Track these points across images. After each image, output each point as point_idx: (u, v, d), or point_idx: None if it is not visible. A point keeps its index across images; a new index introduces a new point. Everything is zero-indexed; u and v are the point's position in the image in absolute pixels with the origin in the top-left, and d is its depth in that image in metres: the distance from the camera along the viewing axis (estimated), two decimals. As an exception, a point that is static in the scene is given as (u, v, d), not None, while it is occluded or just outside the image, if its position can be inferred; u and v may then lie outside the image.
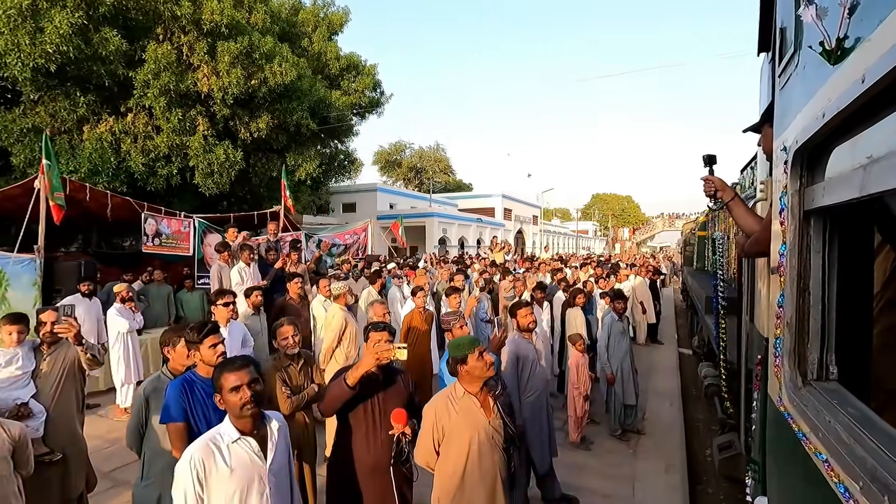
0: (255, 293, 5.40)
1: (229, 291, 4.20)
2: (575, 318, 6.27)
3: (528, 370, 4.00)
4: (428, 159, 49.45)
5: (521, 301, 4.13)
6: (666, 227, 58.38)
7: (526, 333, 4.08)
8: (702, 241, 10.95)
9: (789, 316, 1.53)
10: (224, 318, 4.13)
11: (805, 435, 1.35)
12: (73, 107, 9.66)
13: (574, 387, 5.53)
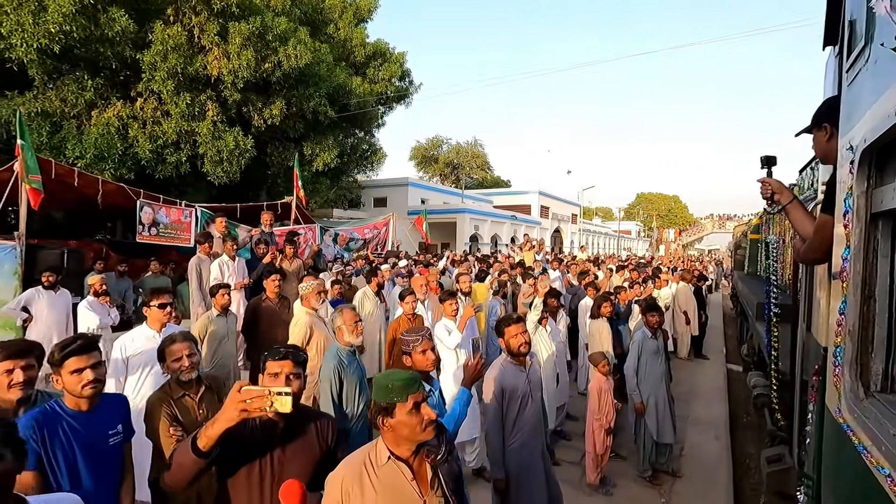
0: (222, 292, 4.70)
1: (166, 291, 3.46)
2: (599, 333, 5.24)
3: (515, 406, 3.07)
4: (465, 155, 48.60)
5: (509, 316, 3.19)
6: (715, 228, 55.16)
7: (516, 359, 3.14)
8: (754, 244, 10.44)
9: (852, 323, 1.51)
10: (158, 323, 3.41)
11: (866, 448, 1.32)
12: (80, 90, 9.37)
13: (594, 417, 4.52)
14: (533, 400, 3.22)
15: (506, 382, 3.09)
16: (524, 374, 3.19)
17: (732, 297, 17.51)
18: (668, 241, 54.56)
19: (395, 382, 1.75)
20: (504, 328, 3.15)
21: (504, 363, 3.17)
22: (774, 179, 2.32)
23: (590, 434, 4.58)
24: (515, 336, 3.14)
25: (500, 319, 3.22)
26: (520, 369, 3.17)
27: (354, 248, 13.04)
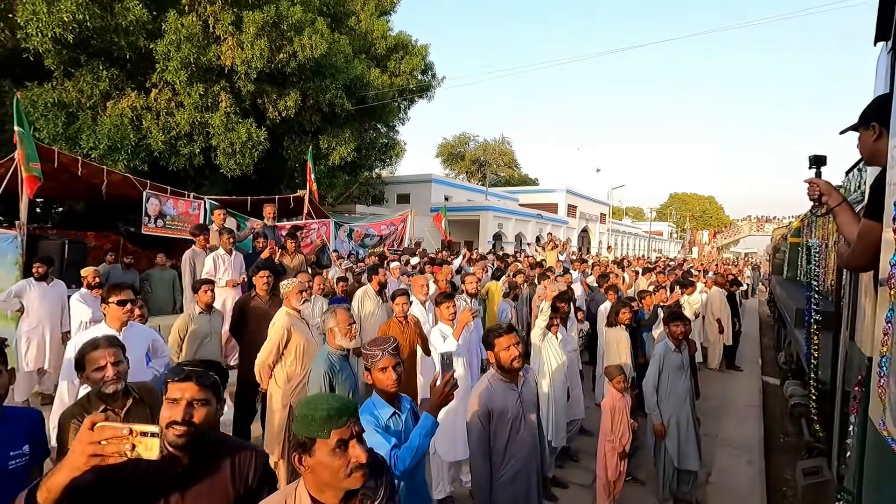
0: (204, 287, 4.40)
1: (126, 286, 3.15)
2: (617, 343, 4.71)
3: (505, 430, 2.63)
4: (492, 152, 47.97)
5: (499, 327, 2.73)
6: (753, 231, 52.88)
7: (507, 375, 2.69)
8: (794, 248, 9.99)
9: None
10: (117, 321, 3.10)
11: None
12: (95, 81, 9.34)
13: (607, 439, 4.02)
14: (527, 423, 2.76)
15: (494, 403, 2.64)
16: (516, 392, 2.73)
17: (770, 303, 16.58)
18: (702, 242, 52.62)
19: (316, 412, 1.34)
20: (493, 339, 2.69)
21: (492, 380, 2.72)
22: (823, 180, 2.23)
23: (601, 457, 4.08)
24: (507, 349, 2.67)
25: (489, 329, 2.76)
26: (511, 387, 2.72)
27: (370, 244, 12.74)
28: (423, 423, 2.06)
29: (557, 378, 4.18)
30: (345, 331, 3.04)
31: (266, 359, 3.74)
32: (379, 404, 2.19)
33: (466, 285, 5.32)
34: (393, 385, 2.17)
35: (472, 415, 2.64)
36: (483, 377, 2.77)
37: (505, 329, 2.69)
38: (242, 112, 10.68)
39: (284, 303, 3.93)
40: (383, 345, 2.23)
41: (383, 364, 2.17)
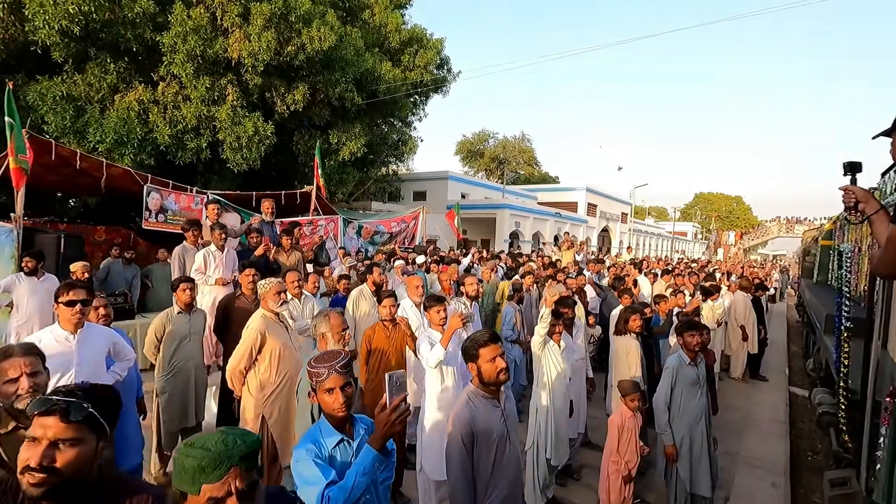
0: (183, 286, 4.15)
1: (79, 285, 2.90)
2: (626, 352, 4.30)
3: (490, 454, 2.30)
4: (512, 150, 47.32)
5: (481, 334, 2.39)
6: (782, 232, 51.09)
7: (489, 389, 2.36)
8: (826, 251, 9.64)
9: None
10: (69, 323, 2.86)
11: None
12: (103, 74, 9.28)
13: (611, 459, 3.64)
14: (511, 443, 2.43)
15: (478, 424, 2.30)
16: (500, 409, 2.40)
17: (799, 308, 15.84)
18: (728, 244, 51.05)
19: (186, 460, 1.03)
20: (477, 350, 2.35)
21: (474, 397, 2.38)
22: (859, 188, 2.21)
23: (604, 478, 3.70)
24: (492, 360, 2.33)
25: (471, 338, 2.43)
26: (494, 404, 2.38)
27: (380, 241, 12.49)
28: (362, 458, 1.71)
29: (558, 390, 3.80)
30: (338, 336, 2.79)
31: (237, 365, 3.47)
32: (326, 431, 1.86)
33: (466, 287, 4.97)
34: (341, 409, 1.84)
35: (452, 439, 2.30)
36: (462, 394, 2.43)
37: (488, 337, 2.36)
38: (250, 106, 10.50)
39: (262, 304, 3.66)
40: (330, 361, 1.91)
41: (330, 384, 1.84)
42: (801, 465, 5.94)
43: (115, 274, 7.65)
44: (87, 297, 2.90)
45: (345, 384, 1.85)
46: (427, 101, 17.60)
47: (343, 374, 1.86)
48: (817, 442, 6.75)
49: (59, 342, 2.85)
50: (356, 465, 1.69)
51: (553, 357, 3.87)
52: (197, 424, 4.34)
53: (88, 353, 2.93)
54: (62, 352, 2.83)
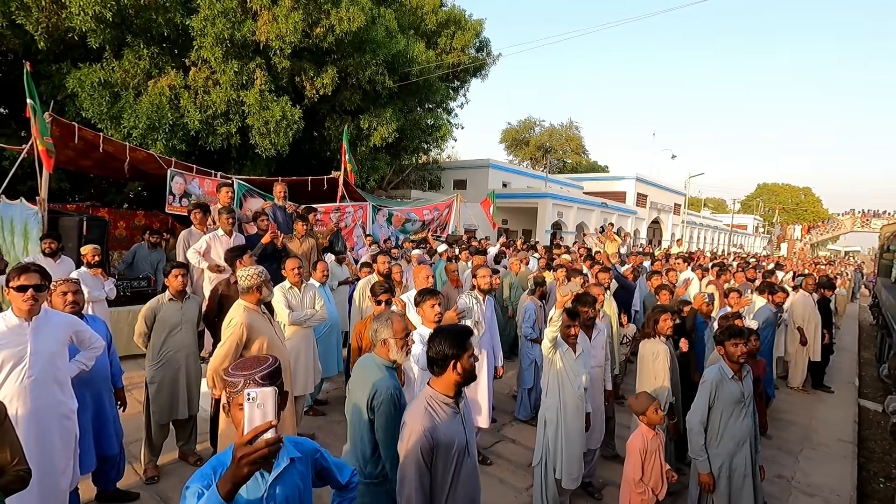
0: (175, 272, 3.93)
1: (32, 269, 2.65)
2: (654, 358, 3.69)
3: (449, 469, 1.96)
4: (559, 138, 45.94)
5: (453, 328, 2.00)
6: (856, 227, 47.05)
7: (452, 393, 2.01)
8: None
9: None
10: (20, 310, 2.63)
11: None
12: (137, 59, 9.38)
13: (636, 490, 3.09)
14: (469, 455, 2.06)
15: (440, 434, 1.92)
16: (459, 415, 2.03)
17: (873, 309, 14.39)
18: (793, 238, 47.54)
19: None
20: (466, 343, 2.00)
21: (435, 403, 1.98)
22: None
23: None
24: (470, 357, 1.99)
25: (446, 329, 2.03)
26: (455, 410, 2.01)
27: (411, 229, 12.17)
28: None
29: (570, 403, 3.28)
30: (401, 343, 2.49)
31: (221, 364, 3.16)
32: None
33: (478, 280, 4.49)
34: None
35: (410, 453, 1.89)
36: (419, 399, 2.01)
37: (466, 329, 2.03)
38: (279, 90, 10.37)
39: (243, 296, 3.34)
40: (250, 369, 1.51)
41: (242, 400, 1.46)
42: (871, 495, 5.13)
43: (140, 258, 7.70)
44: (41, 281, 2.66)
45: (257, 403, 1.45)
46: (466, 86, 17.04)
47: (264, 385, 1.45)
48: (892, 466, 5.87)
49: (11, 330, 2.63)
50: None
51: (566, 364, 3.35)
52: (190, 417, 4.15)
53: (44, 342, 2.70)
54: (14, 340, 2.62)
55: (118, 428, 3.47)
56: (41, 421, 2.65)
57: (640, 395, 3.19)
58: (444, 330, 2.06)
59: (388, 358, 2.50)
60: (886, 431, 5.61)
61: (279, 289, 4.45)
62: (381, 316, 2.64)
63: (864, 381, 8.87)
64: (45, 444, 2.67)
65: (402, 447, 1.93)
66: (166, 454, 4.06)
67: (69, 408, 2.80)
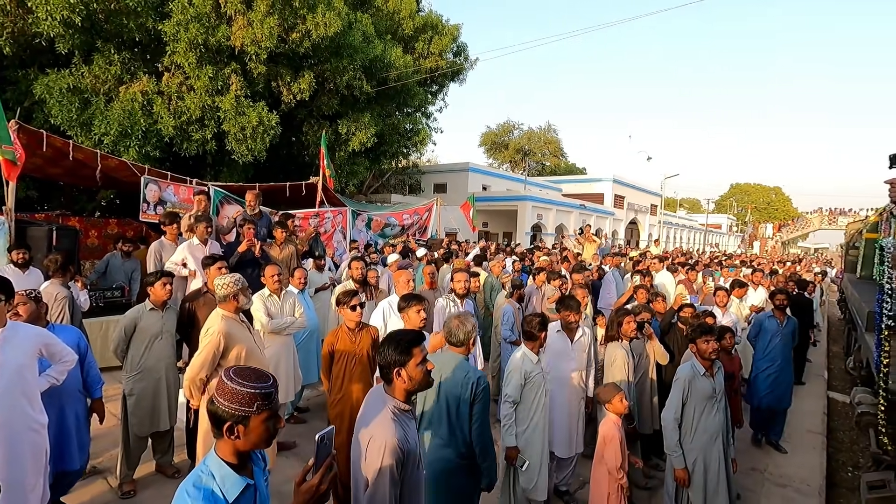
0: (164, 280, 3.87)
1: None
2: (612, 362, 3.76)
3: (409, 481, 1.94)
4: (537, 141, 46.43)
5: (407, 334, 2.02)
6: (825, 224, 48.65)
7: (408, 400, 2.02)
8: (870, 244, 9.24)
9: None
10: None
11: None
12: (107, 65, 9.18)
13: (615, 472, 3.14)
14: (419, 469, 2.05)
15: (409, 444, 1.92)
16: (413, 422, 2.06)
17: (840, 304, 14.90)
18: (765, 237, 48.88)
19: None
20: (412, 350, 1.96)
21: (398, 412, 1.96)
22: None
23: (601, 498, 3.22)
24: (423, 363, 1.98)
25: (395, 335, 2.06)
26: (411, 417, 2.04)
27: (391, 234, 12.16)
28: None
29: (539, 418, 3.24)
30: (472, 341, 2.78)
31: (197, 373, 3.13)
32: (226, 477, 1.42)
33: (455, 284, 4.52)
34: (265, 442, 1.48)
35: (384, 466, 1.84)
36: (382, 411, 1.95)
37: (415, 336, 2.01)
38: (255, 95, 10.26)
39: (220, 304, 3.31)
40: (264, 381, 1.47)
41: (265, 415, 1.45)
42: (840, 483, 5.31)
43: (114, 267, 7.51)
44: (2, 293, 2.60)
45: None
46: (445, 90, 17.13)
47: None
48: (859, 455, 6.08)
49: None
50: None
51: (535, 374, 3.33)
52: (169, 429, 4.08)
53: (11, 355, 2.63)
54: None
55: (84, 442, 3.38)
56: (9, 436, 2.57)
57: (608, 385, 3.26)
58: (390, 336, 2.05)
59: (465, 354, 2.75)
60: (853, 422, 5.83)
61: (258, 296, 4.42)
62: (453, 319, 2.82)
63: (833, 373, 9.17)
64: (13, 460, 2.60)
65: (371, 463, 1.85)
66: (142, 467, 3.98)
67: (39, 422, 2.72)
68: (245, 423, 1.40)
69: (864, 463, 5.58)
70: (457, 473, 2.59)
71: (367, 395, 2.09)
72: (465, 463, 2.59)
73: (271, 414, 1.44)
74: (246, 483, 1.45)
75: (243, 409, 1.39)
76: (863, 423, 5.21)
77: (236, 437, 1.40)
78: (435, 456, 2.59)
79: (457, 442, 2.59)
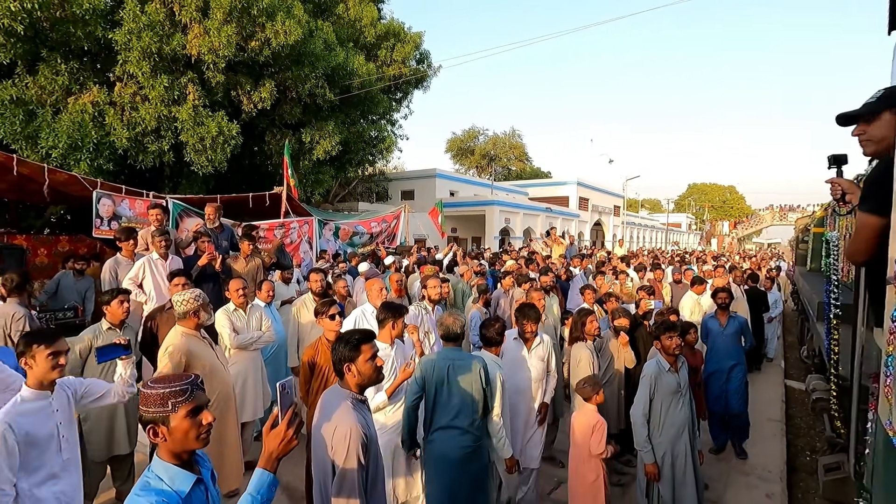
0: (121, 297, 3.70)
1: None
2: (578, 362, 3.82)
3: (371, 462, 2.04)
4: (502, 146, 47.03)
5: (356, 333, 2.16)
6: (776, 220, 50.99)
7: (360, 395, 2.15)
8: (817, 238, 9.68)
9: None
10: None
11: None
12: (54, 75, 8.77)
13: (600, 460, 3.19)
14: (379, 455, 2.18)
15: (370, 431, 2.07)
16: (370, 412, 2.23)
17: (793, 295, 15.59)
18: (722, 234, 50.88)
19: None
20: (361, 347, 2.09)
21: (356, 402, 2.08)
22: (845, 179, 2.27)
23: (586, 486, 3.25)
24: (372, 358, 2.11)
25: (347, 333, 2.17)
26: (366, 407, 2.17)
27: (359, 242, 12.04)
28: (256, 485, 1.49)
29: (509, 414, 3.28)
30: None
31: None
32: (171, 474, 1.47)
33: (428, 290, 4.51)
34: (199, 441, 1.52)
35: (350, 455, 1.91)
36: (344, 404, 2.02)
37: (364, 335, 2.13)
38: (214, 105, 9.99)
39: (178, 321, 3.20)
40: (181, 380, 1.53)
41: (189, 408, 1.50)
42: (800, 468, 5.54)
43: (65, 287, 7.17)
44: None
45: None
46: (409, 98, 17.15)
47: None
48: (816, 439, 6.37)
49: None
50: (250, 496, 1.46)
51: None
52: (129, 453, 3.90)
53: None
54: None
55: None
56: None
57: (586, 382, 3.32)
58: (343, 335, 2.17)
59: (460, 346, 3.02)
60: (809, 408, 6.12)
61: (223, 311, 4.29)
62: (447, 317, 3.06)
63: (789, 362, 9.59)
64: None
65: (338, 451, 1.90)
66: (101, 496, 3.79)
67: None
68: (166, 423, 1.46)
69: (820, 447, 5.86)
70: (474, 459, 2.83)
71: (322, 396, 2.16)
72: (478, 447, 2.86)
73: (192, 408, 1.49)
74: (195, 478, 1.51)
75: (160, 411, 1.45)
76: (818, 408, 5.46)
77: (162, 438, 1.46)
78: (455, 443, 2.81)
79: (473, 428, 2.83)
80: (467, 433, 2.81)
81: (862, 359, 2.93)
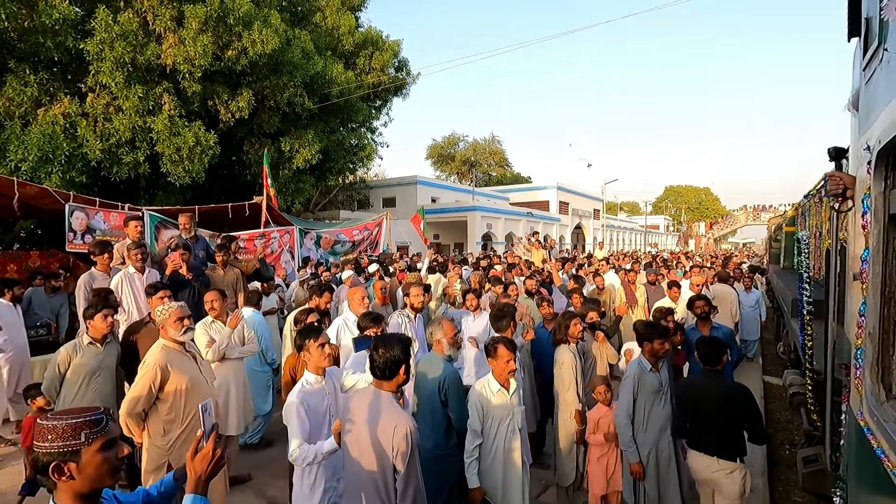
0: (105, 312, 3.63)
1: None
2: (560, 364, 3.84)
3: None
4: (483, 152, 47.33)
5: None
6: (750, 220, 52.31)
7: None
8: (790, 237, 9.92)
9: (871, 326, 1.49)
10: None
11: (884, 452, 1.30)
12: (22, 86, 8.55)
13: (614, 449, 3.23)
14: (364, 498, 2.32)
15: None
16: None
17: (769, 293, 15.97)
18: (698, 234, 51.96)
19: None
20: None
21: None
22: (847, 174, 2.17)
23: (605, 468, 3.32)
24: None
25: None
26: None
27: (341, 251, 11.95)
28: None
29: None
30: (451, 341, 3.14)
31: (132, 409, 2.94)
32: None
33: (412, 299, 4.50)
34: (108, 476, 1.35)
35: (412, 455, 2.19)
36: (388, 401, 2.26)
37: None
38: (190, 115, 9.86)
39: (161, 333, 3.14)
40: (80, 414, 1.34)
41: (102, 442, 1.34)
42: (780, 461, 5.66)
43: (38, 304, 6.99)
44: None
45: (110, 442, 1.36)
46: (389, 105, 17.18)
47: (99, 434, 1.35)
48: (794, 433, 6.52)
49: None
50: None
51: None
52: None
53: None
54: None
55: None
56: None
57: (595, 378, 3.45)
58: (395, 336, 2.38)
59: (443, 353, 3.10)
60: (787, 403, 6.29)
61: (201, 325, 4.22)
62: (434, 321, 3.26)
63: (766, 358, 9.81)
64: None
65: (401, 451, 2.10)
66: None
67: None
68: (76, 459, 1.27)
69: (798, 440, 6.00)
70: (435, 462, 2.89)
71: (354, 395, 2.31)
72: (440, 453, 2.93)
73: (106, 442, 1.34)
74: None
75: (69, 444, 1.26)
76: (795, 402, 5.62)
77: (69, 476, 1.27)
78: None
79: (435, 433, 2.93)
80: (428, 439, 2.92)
81: (834, 353, 2.99)
